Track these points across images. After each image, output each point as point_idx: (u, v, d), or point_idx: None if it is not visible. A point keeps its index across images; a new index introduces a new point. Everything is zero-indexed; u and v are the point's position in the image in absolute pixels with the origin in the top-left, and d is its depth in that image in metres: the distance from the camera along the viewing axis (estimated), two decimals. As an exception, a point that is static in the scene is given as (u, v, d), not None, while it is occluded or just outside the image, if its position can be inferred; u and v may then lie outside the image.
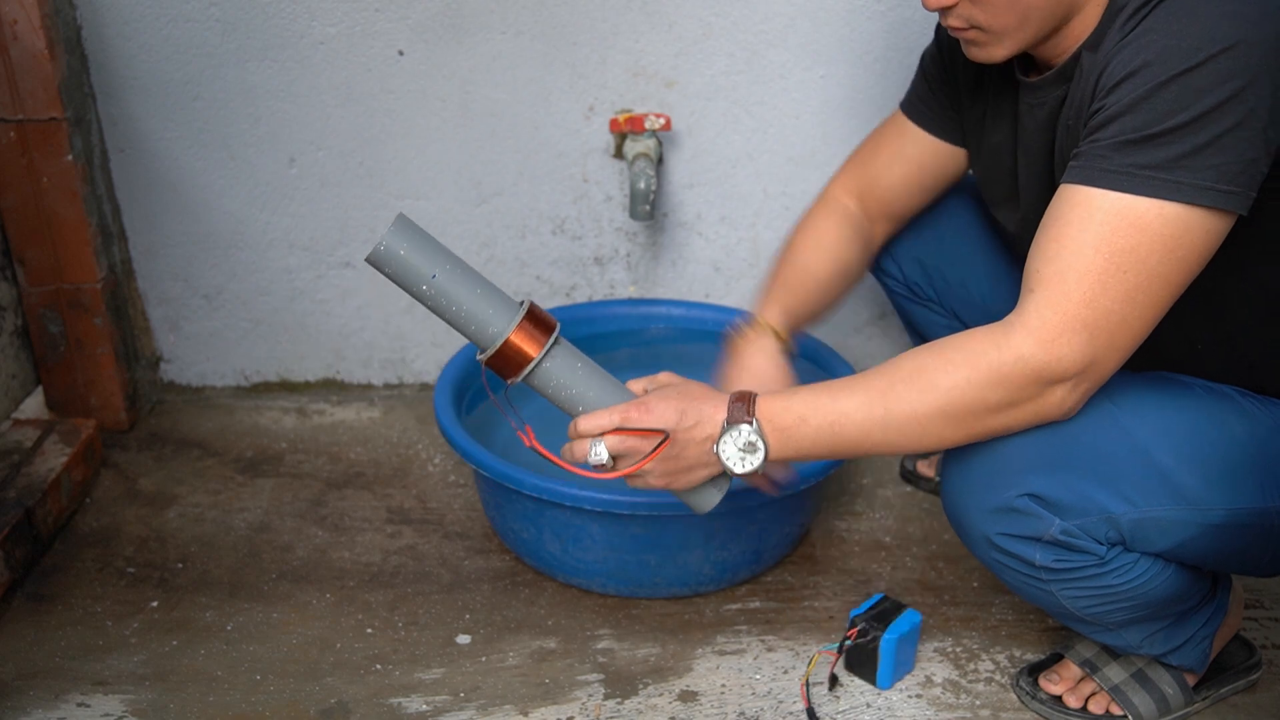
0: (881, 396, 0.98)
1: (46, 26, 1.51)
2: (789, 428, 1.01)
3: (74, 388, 1.73)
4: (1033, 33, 1.01)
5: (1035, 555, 1.03)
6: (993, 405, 0.96)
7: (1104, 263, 0.91)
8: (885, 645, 1.25)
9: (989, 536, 1.05)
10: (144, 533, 1.54)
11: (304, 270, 1.79)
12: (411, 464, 1.71)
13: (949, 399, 0.96)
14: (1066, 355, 0.93)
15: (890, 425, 0.98)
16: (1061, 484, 1.00)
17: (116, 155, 1.70)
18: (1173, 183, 0.89)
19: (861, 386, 1.00)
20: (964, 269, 1.41)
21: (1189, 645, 1.17)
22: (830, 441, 1.01)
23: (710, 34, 1.64)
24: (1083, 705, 1.23)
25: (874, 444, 1.00)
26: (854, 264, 1.35)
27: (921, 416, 0.97)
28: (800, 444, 1.01)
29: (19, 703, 1.24)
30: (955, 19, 1.03)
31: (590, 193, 1.75)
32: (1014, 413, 0.97)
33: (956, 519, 1.09)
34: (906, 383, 0.98)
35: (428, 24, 1.62)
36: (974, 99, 1.23)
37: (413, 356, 1.87)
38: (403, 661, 1.32)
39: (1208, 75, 0.88)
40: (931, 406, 0.97)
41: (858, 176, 1.36)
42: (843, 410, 0.99)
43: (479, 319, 1.00)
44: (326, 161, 1.71)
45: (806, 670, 1.29)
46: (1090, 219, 0.92)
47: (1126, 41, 0.93)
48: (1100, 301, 0.92)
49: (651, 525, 1.32)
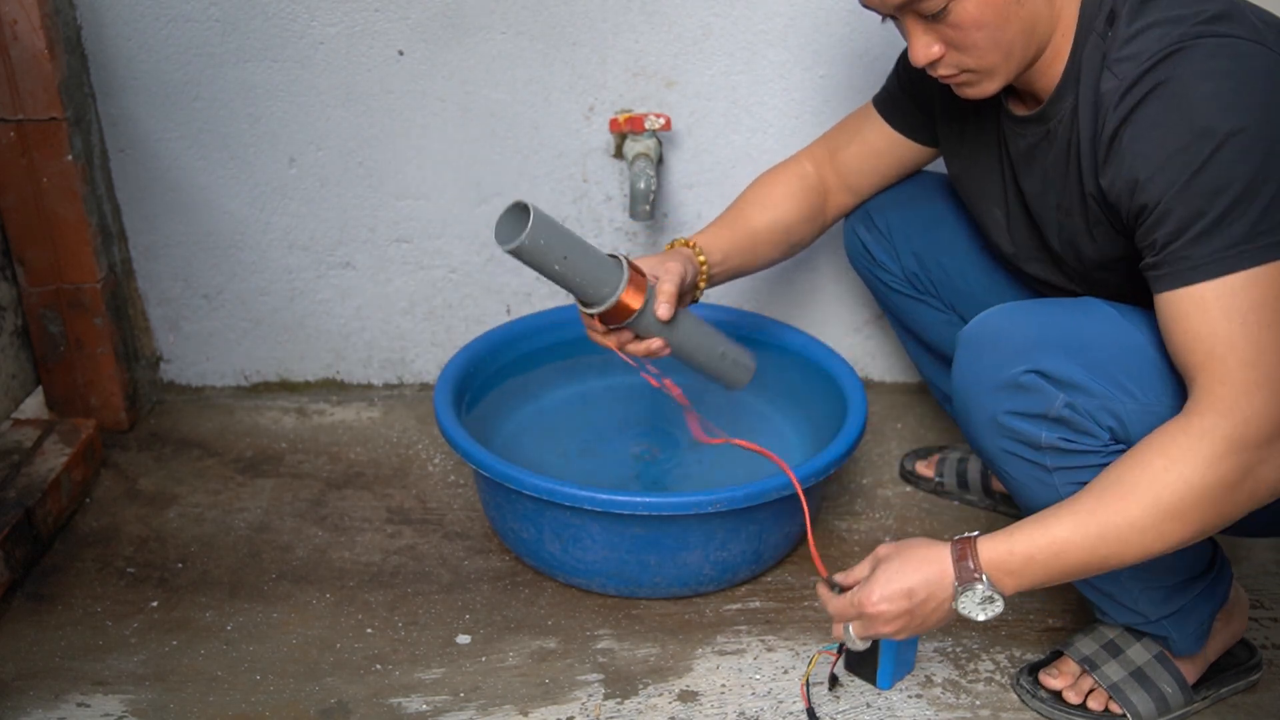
0: (1091, 515, 1.00)
1: (46, 26, 1.51)
2: (1017, 571, 1.03)
3: (74, 388, 1.73)
4: (1017, 64, 1.08)
5: (1041, 434, 1.07)
6: (1208, 493, 0.96)
7: (1243, 329, 0.95)
8: (885, 645, 1.25)
9: (996, 417, 1.08)
10: (144, 533, 1.54)
11: (304, 270, 1.79)
12: (411, 464, 1.71)
13: (1155, 493, 0.97)
14: (1252, 414, 0.95)
15: (1109, 538, 0.99)
16: (1068, 363, 1.04)
17: (116, 155, 1.70)
18: (1257, 250, 0.94)
19: (1069, 510, 1.01)
20: (960, 259, 1.42)
21: (1185, 615, 1.18)
22: (1061, 569, 1.02)
23: (710, 34, 1.64)
24: (1082, 701, 1.23)
25: (1103, 560, 1.01)
26: (796, 219, 1.40)
27: (1136, 520, 0.98)
28: (1032, 580, 1.03)
29: (19, 703, 1.24)
30: (944, 68, 1.09)
31: (590, 193, 1.75)
32: (1239, 494, 0.97)
33: (964, 402, 1.12)
34: (1111, 491, 0.99)
35: (428, 24, 1.62)
36: (949, 113, 1.28)
37: (413, 356, 1.87)
38: (403, 661, 1.32)
39: (1231, 155, 0.94)
40: (1142, 507, 0.97)
41: (822, 144, 1.44)
42: (1059, 537, 1.00)
43: (595, 282, 1.15)
44: (326, 161, 1.71)
45: (806, 670, 1.29)
46: (1209, 309, 0.96)
47: (1132, 126, 0.99)
48: (1261, 360, 0.95)
49: (651, 525, 1.32)
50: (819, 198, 1.42)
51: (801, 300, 1.85)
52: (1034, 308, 1.12)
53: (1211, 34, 0.97)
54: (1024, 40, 1.05)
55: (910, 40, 1.07)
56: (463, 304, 1.83)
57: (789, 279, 1.83)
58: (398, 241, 1.77)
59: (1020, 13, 1.04)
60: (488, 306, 1.83)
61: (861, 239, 1.47)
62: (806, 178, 1.41)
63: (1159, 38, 0.98)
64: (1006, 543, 1.03)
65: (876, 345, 1.89)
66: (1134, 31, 1.01)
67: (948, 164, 1.33)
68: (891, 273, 1.46)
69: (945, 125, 1.30)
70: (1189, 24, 0.98)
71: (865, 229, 1.46)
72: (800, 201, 1.40)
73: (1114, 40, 1.02)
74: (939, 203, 1.43)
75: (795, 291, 1.84)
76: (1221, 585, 1.21)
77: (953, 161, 1.31)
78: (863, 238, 1.46)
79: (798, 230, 1.40)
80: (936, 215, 1.43)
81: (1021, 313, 1.10)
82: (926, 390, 1.91)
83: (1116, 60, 1.01)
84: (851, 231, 1.48)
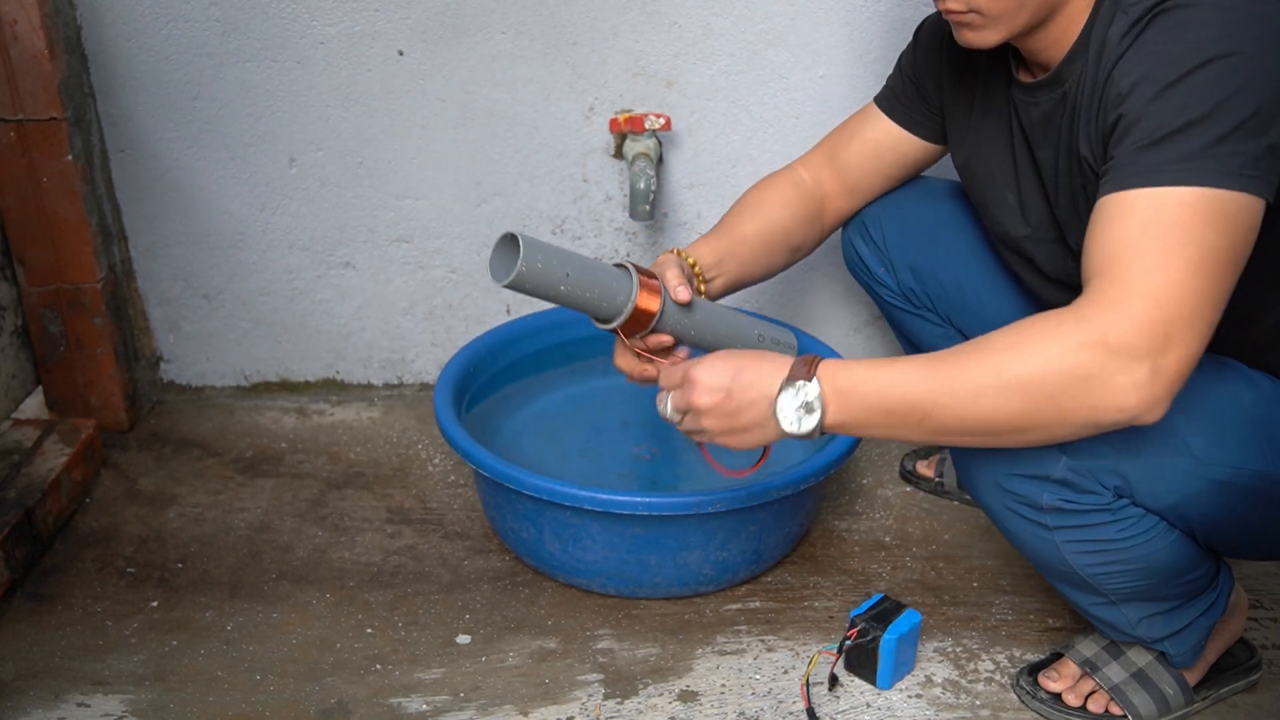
0: (938, 364, 0.95)
1: (46, 26, 1.51)
2: (848, 390, 0.97)
3: (74, 388, 1.73)
4: (1026, 19, 1.05)
5: (1042, 496, 1.05)
6: (1057, 375, 0.90)
7: (1156, 242, 0.91)
8: (885, 645, 1.25)
9: (998, 478, 1.06)
10: (144, 533, 1.54)
11: (304, 270, 1.79)
12: (411, 464, 1.71)
13: (1004, 359, 0.92)
14: (1131, 320, 0.89)
15: (943, 389, 0.94)
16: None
17: (116, 155, 1.70)
18: (1202, 170, 0.91)
19: (926, 359, 0.97)
20: (959, 272, 1.40)
21: (1186, 633, 1.17)
22: (885, 406, 0.96)
23: (710, 34, 1.64)
24: (1082, 703, 1.23)
25: (928, 412, 0.95)
26: (791, 225, 1.37)
27: (977, 380, 0.93)
28: (858, 409, 0.97)
29: (19, 703, 1.24)
30: (955, 1, 1.06)
31: (590, 193, 1.75)
32: (1084, 392, 0.90)
33: (965, 459, 1.10)
34: (969, 350, 0.95)
35: (428, 24, 1.62)
36: (957, 98, 1.27)
37: (413, 356, 1.87)
38: (403, 661, 1.32)
39: (1212, 75, 0.91)
40: (987, 369, 0.93)
41: (819, 150, 1.42)
42: (906, 377, 0.96)
43: (607, 294, 1.11)
44: (326, 161, 1.71)
45: (806, 670, 1.29)
46: (1133, 215, 0.92)
47: (1128, 53, 0.97)
48: (1162, 277, 0.89)
49: (651, 525, 1.32)
50: (815, 203, 1.41)
51: (801, 300, 1.85)
52: None
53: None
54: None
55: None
56: (462, 304, 1.83)
57: (789, 279, 1.83)
58: (398, 241, 1.77)
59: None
60: (488, 306, 1.83)
61: (858, 250, 1.46)
62: (801, 184, 1.40)
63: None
64: (848, 363, 0.98)
65: (877, 345, 1.89)
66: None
67: (954, 153, 1.32)
68: (888, 287, 1.46)
69: (952, 109, 1.28)
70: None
71: (862, 240, 1.45)
72: (795, 207, 1.38)
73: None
74: (938, 211, 1.42)
75: (795, 291, 1.84)
76: (1221, 600, 1.19)
77: (959, 149, 1.29)
78: (859, 250, 1.45)
79: (796, 235, 1.39)
80: (935, 224, 1.42)
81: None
82: (926, 390, 1.90)
83: (1130, 4, 0.99)
84: (849, 242, 1.47)
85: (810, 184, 1.41)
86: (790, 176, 1.41)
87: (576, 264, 1.09)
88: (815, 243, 1.43)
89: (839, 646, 1.27)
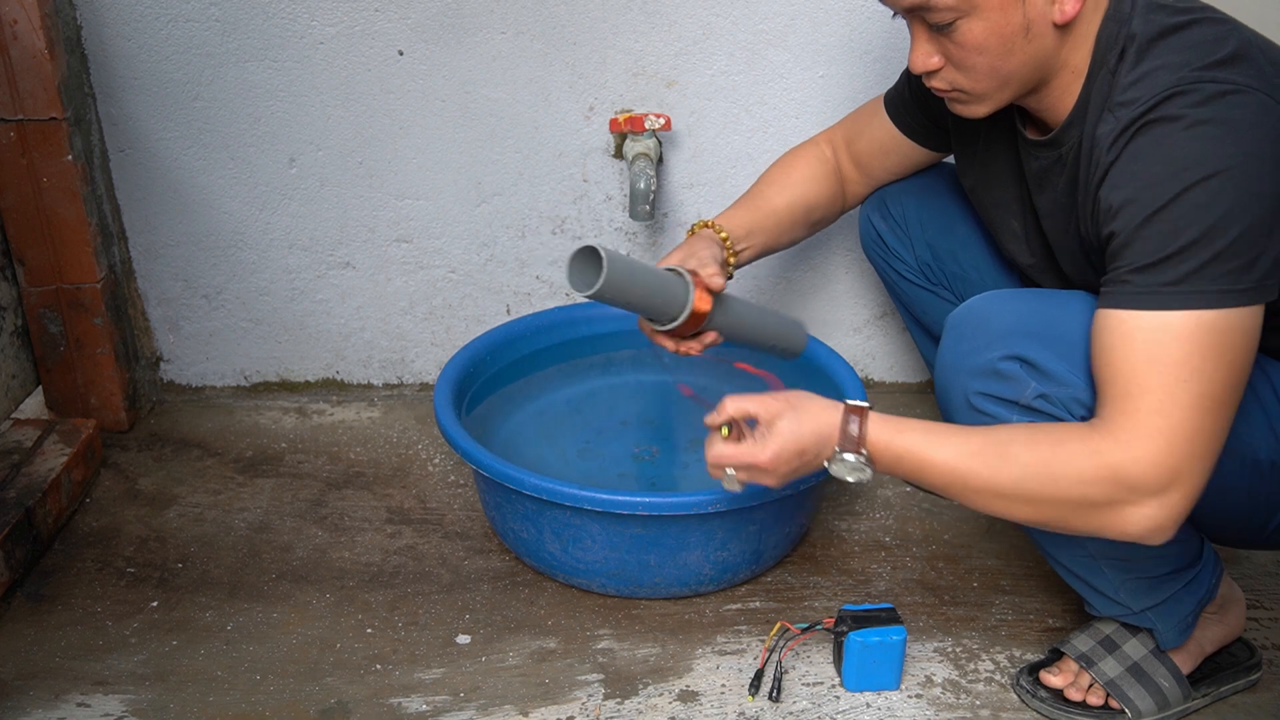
0: (969, 459, 1.02)
1: (46, 26, 1.51)
2: (889, 463, 1.06)
3: (74, 388, 1.73)
4: (1011, 94, 1.09)
5: (1011, 419, 1.07)
6: (1070, 501, 0.99)
7: (1161, 379, 0.95)
8: (850, 644, 1.25)
9: (969, 396, 1.10)
10: (144, 533, 1.54)
11: (304, 270, 1.79)
12: (411, 464, 1.71)
13: (1026, 474, 0.99)
14: (1143, 458, 0.95)
15: (969, 484, 1.02)
16: (1045, 352, 1.05)
17: (116, 155, 1.70)
18: (1194, 294, 0.94)
19: (959, 439, 1.03)
20: (975, 255, 1.43)
21: (1169, 606, 1.18)
22: (919, 480, 1.06)
23: (710, 34, 1.64)
24: (1083, 698, 1.24)
25: (955, 495, 1.05)
26: (816, 201, 1.43)
27: (998, 486, 1.01)
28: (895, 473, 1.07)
29: (19, 703, 1.24)
30: (939, 81, 1.10)
31: (590, 193, 1.75)
32: (1094, 515, 0.99)
33: (942, 382, 1.14)
34: (998, 450, 1.01)
35: (428, 24, 1.62)
36: (963, 124, 1.28)
37: (413, 356, 1.87)
38: (403, 661, 1.32)
39: (1199, 198, 0.94)
40: (1009, 479, 1.00)
41: (841, 129, 1.46)
42: (934, 456, 1.03)
43: (669, 301, 1.19)
44: (326, 161, 1.71)
45: (769, 638, 1.31)
46: (1136, 344, 0.97)
47: (1117, 165, 1.00)
48: (1171, 414, 0.95)
49: (651, 525, 1.32)
50: (837, 181, 1.45)
51: (801, 300, 1.85)
52: (1020, 296, 1.12)
53: (1211, 79, 0.96)
54: (1024, 74, 1.06)
55: (913, 44, 1.09)
56: (462, 304, 1.83)
57: (789, 278, 1.83)
58: (397, 241, 1.77)
59: (1026, 48, 1.04)
60: (487, 306, 1.83)
61: (876, 227, 1.48)
62: (826, 161, 1.44)
63: (1158, 82, 0.98)
64: (893, 434, 1.05)
65: (876, 345, 1.89)
66: (1138, 75, 1.00)
67: (962, 177, 1.33)
68: (905, 262, 1.47)
69: (959, 137, 1.31)
70: (1192, 67, 0.97)
71: (880, 217, 1.47)
72: (821, 183, 1.43)
73: (1119, 82, 1.02)
74: (957, 198, 1.44)
75: (795, 291, 1.84)
76: (1206, 579, 1.20)
77: (967, 174, 1.32)
78: (877, 226, 1.48)
79: (819, 209, 1.43)
80: (953, 210, 1.44)
81: (1007, 300, 1.12)
82: (927, 390, 1.91)
83: (1118, 104, 1.01)
84: (866, 219, 1.49)
85: (833, 162, 1.45)
86: (816, 152, 1.45)
87: (645, 275, 1.17)
88: (835, 217, 1.48)
89: (810, 627, 1.30)
